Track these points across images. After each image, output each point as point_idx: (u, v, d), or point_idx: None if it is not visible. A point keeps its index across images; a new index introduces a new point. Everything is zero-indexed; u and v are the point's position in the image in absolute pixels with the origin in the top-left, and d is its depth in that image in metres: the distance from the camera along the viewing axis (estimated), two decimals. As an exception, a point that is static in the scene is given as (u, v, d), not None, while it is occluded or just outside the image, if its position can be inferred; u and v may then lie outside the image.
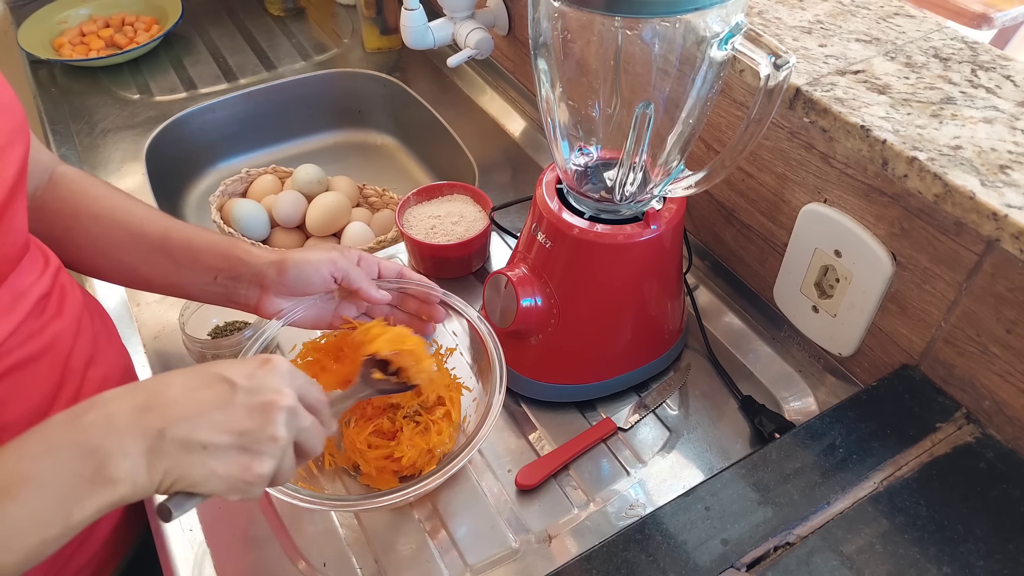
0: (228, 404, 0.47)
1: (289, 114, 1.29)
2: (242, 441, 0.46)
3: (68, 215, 0.67)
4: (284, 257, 0.66)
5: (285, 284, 0.66)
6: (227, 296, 0.68)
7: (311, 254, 0.66)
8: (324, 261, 0.66)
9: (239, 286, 0.67)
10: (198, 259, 0.66)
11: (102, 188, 0.69)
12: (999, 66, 0.65)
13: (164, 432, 0.44)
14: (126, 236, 0.67)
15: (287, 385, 0.49)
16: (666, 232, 0.68)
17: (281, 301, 0.67)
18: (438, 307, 0.72)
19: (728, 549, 0.53)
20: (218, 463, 0.45)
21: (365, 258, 0.70)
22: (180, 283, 0.68)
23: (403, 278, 0.71)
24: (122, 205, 0.68)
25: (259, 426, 0.47)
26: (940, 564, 0.51)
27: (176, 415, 0.45)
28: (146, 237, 0.67)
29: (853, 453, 0.58)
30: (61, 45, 1.30)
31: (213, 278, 0.67)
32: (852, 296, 0.69)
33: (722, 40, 0.55)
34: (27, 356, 0.58)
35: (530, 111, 1.15)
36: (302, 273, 0.65)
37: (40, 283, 0.60)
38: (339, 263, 0.66)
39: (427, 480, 0.59)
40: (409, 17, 1.06)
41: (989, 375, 0.61)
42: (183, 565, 0.63)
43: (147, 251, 0.67)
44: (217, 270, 0.66)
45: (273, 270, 0.66)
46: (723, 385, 0.77)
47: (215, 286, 0.67)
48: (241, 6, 1.46)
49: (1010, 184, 0.54)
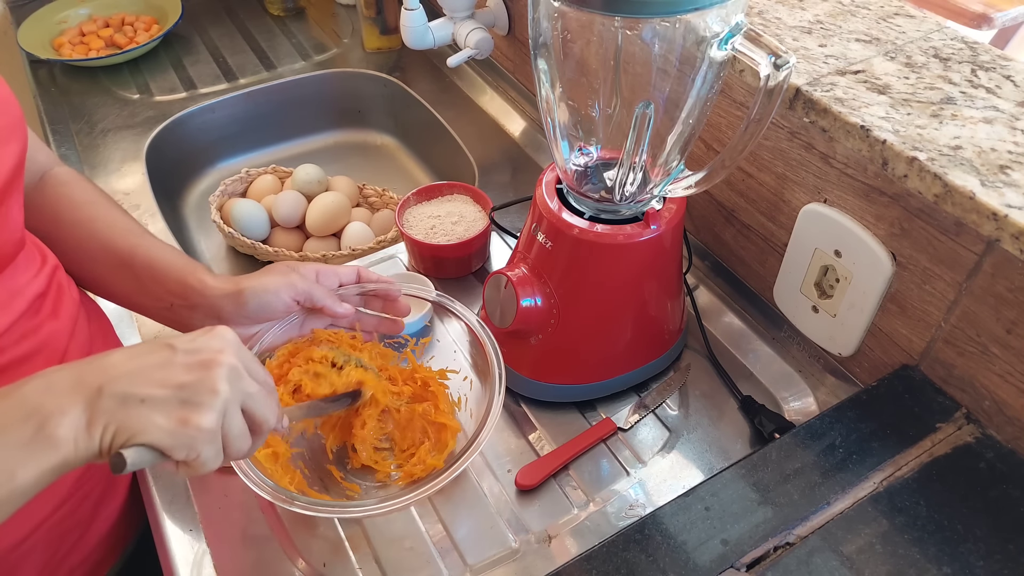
0: (168, 363, 0.47)
1: (289, 114, 1.29)
2: (181, 394, 0.45)
3: (50, 220, 0.66)
4: (241, 288, 0.63)
5: (245, 315, 0.63)
6: (184, 324, 0.65)
7: (269, 280, 0.64)
8: (283, 286, 0.63)
9: (194, 316, 0.64)
10: (157, 281, 0.64)
11: (88, 195, 0.68)
12: (999, 66, 0.65)
13: (102, 389, 0.44)
14: (97, 247, 0.65)
15: (229, 347, 0.49)
16: (666, 232, 0.68)
17: (242, 331, 0.64)
18: (400, 301, 0.70)
19: (728, 549, 0.53)
20: (157, 414, 0.45)
21: (323, 271, 0.67)
22: (141, 304, 0.66)
23: (361, 281, 0.69)
24: (101, 215, 0.67)
25: (198, 379, 0.46)
26: (940, 564, 0.51)
27: (115, 374, 0.45)
28: (115, 251, 0.65)
29: (853, 453, 0.58)
30: (61, 45, 1.30)
31: (168, 304, 0.64)
32: (852, 296, 0.69)
33: (722, 40, 0.55)
34: (22, 354, 0.58)
35: (530, 111, 1.15)
36: (262, 302, 0.63)
37: (36, 282, 0.60)
38: (299, 285, 0.64)
39: (429, 485, 0.59)
40: (409, 17, 1.06)
41: (989, 375, 0.61)
42: (183, 565, 0.63)
43: (114, 265, 0.65)
44: (173, 296, 0.64)
45: (230, 303, 0.63)
46: (723, 385, 0.77)
47: (171, 312, 0.65)
48: (241, 6, 1.46)
49: (1010, 184, 0.54)
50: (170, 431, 0.45)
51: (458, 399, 0.72)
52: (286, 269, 0.65)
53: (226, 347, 0.49)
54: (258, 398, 0.50)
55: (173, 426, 0.45)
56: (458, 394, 0.72)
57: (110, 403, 0.44)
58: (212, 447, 0.46)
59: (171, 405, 0.45)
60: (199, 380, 0.46)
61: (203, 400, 0.46)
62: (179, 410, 0.45)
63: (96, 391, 0.44)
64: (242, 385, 0.49)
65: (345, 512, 0.59)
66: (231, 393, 0.47)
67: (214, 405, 0.46)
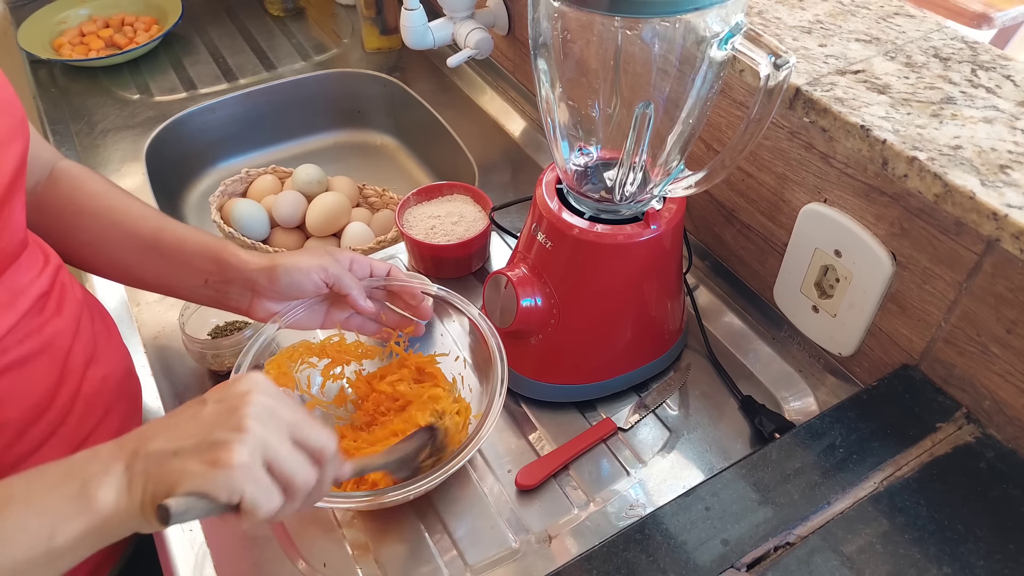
0: (197, 415, 0.47)
1: (289, 114, 1.29)
2: (210, 437, 0.46)
3: (69, 212, 0.67)
4: (275, 263, 0.65)
5: (276, 290, 0.65)
6: (218, 299, 0.67)
7: (302, 260, 0.66)
8: (315, 267, 0.65)
9: (230, 290, 0.67)
10: (188, 261, 0.66)
11: (101, 184, 0.69)
12: (999, 66, 0.65)
13: (138, 451, 0.46)
14: (120, 235, 0.67)
15: (256, 388, 0.49)
16: (666, 232, 0.68)
17: (273, 305, 0.67)
18: (425, 304, 0.72)
19: (728, 549, 0.53)
20: (189, 462, 0.45)
21: (357, 260, 0.70)
22: (171, 284, 0.68)
23: (391, 277, 0.71)
24: (119, 203, 0.68)
25: (224, 420, 0.47)
26: (940, 564, 0.51)
27: (149, 435, 0.47)
28: (139, 236, 0.67)
29: (853, 453, 0.58)
30: (61, 45, 1.30)
31: (203, 281, 0.66)
32: (852, 296, 0.69)
33: (722, 40, 0.55)
34: (25, 354, 0.58)
35: (530, 111, 1.15)
36: (293, 280, 0.65)
37: (39, 281, 0.60)
38: (330, 269, 0.66)
39: (428, 479, 0.59)
40: (409, 17, 1.06)
41: (989, 375, 0.61)
42: (183, 565, 0.63)
43: (140, 250, 0.67)
44: (207, 273, 0.66)
45: (264, 276, 0.65)
46: (723, 385, 0.77)
47: (206, 289, 0.67)
48: (241, 6, 1.46)
49: (1010, 184, 0.54)
50: (203, 474, 0.45)
51: (453, 379, 0.73)
52: (322, 252, 0.67)
53: (253, 388, 0.48)
54: (304, 426, 0.49)
55: (205, 469, 0.45)
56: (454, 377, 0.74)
57: (146, 462, 0.46)
58: (255, 485, 0.45)
59: (201, 450, 0.45)
60: (225, 422, 0.46)
61: (230, 438, 0.46)
62: (209, 453, 0.45)
63: (133, 454, 0.46)
64: (278, 418, 0.48)
65: (346, 503, 0.59)
66: (264, 429, 0.47)
67: (243, 440, 0.46)
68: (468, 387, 0.73)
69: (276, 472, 0.47)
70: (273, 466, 0.47)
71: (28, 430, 0.58)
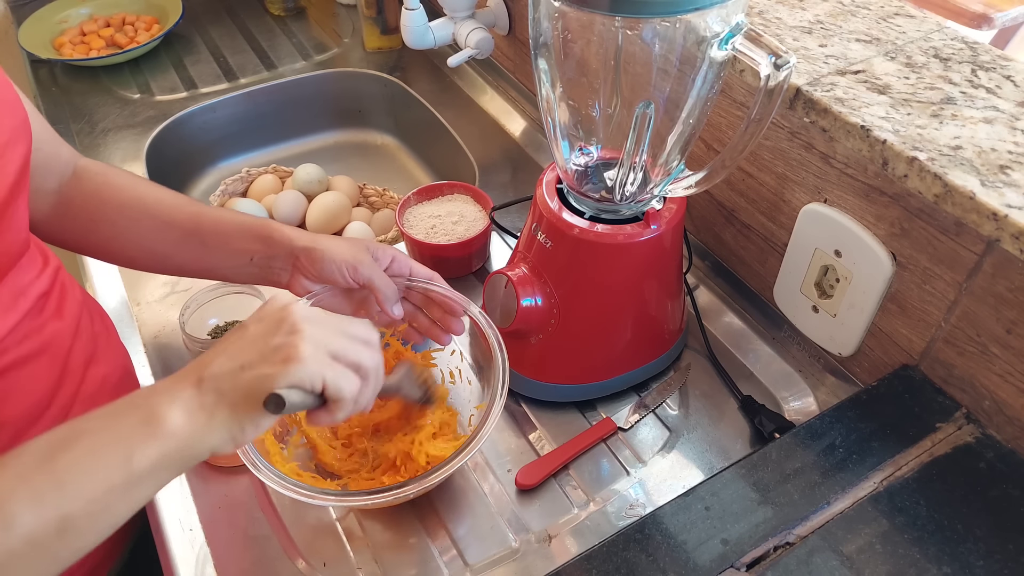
0: (245, 336, 0.50)
1: (289, 114, 1.29)
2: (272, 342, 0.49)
3: (95, 207, 0.67)
4: (316, 246, 0.66)
5: (313, 272, 0.67)
6: (261, 275, 0.69)
7: (340, 251, 0.66)
8: (348, 263, 0.66)
9: (274, 265, 0.68)
10: (230, 242, 0.67)
11: (126, 178, 0.70)
12: (999, 66, 0.65)
13: (202, 376, 0.48)
14: (156, 225, 0.68)
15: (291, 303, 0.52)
16: (666, 232, 0.68)
17: (310, 284, 0.68)
18: (458, 320, 0.71)
19: (728, 549, 0.53)
20: (261, 368, 0.47)
21: (399, 259, 0.69)
22: (214, 266, 0.69)
23: (435, 283, 0.70)
24: (150, 194, 0.69)
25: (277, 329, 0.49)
26: (940, 564, 0.51)
27: (207, 362, 0.49)
28: (177, 224, 0.68)
29: (853, 453, 0.58)
30: (62, 44, 1.30)
31: (249, 259, 0.67)
32: (852, 296, 0.69)
33: (722, 40, 0.55)
34: (26, 354, 0.58)
35: (530, 111, 1.15)
36: (327, 267, 0.66)
37: (39, 282, 0.61)
38: (362, 270, 0.66)
39: (428, 477, 0.59)
40: (409, 17, 1.06)
41: (989, 375, 0.61)
42: (183, 565, 0.63)
43: (179, 238, 0.68)
44: (252, 251, 0.67)
45: (305, 256, 0.66)
46: (723, 385, 0.77)
47: (251, 267, 0.68)
48: (241, 6, 1.46)
49: (1010, 184, 0.54)
50: (281, 373, 0.47)
51: (451, 372, 0.74)
52: (363, 248, 0.68)
53: (288, 303, 0.52)
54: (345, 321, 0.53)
55: (280, 368, 0.47)
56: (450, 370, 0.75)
57: (216, 382, 0.47)
58: (332, 370, 0.49)
59: (267, 356, 0.48)
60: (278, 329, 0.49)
61: (290, 340, 0.48)
62: (277, 355, 0.48)
63: (198, 380, 0.48)
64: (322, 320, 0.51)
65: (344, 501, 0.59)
66: (315, 328, 0.50)
67: (303, 338, 0.48)
68: (467, 380, 0.73)
69: (342, 359, 0.50)
70: (338, 354, 0.50)
71: (28, 430, 0.58)
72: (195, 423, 0.46)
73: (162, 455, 0.45)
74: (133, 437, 0.45)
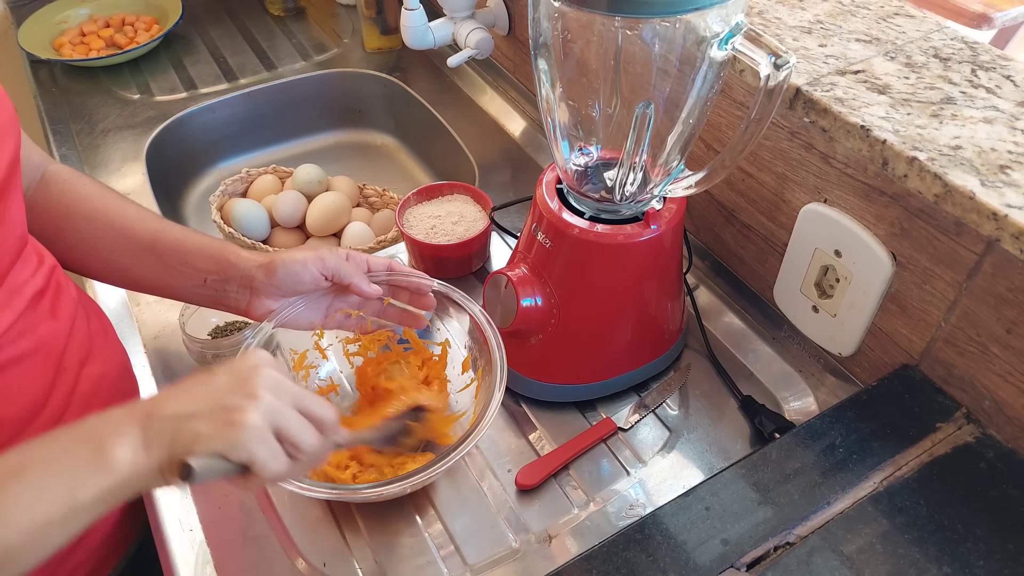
0: (209, 383, 0.50)
1: (289, 114, 1.29)
2: (224, 401, 0.49)
3: (60, 215, 0.67)
4: (272, 259, 0.66)
5: (275, 285, 0.66)
6: (216, 299, 0.68)
7: (298, 253, 0.66)
8: (312, 259, 0.66)
9: (228, 288, 0.67)
10: (187, 261, 0.66)
11: (94, 188, 0.69)
12: (999, 66, 0.65)
13: (152, 414, 0.48)
14: (117, 237, 0.67)
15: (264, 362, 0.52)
16: (666, 232, 0.68)
17: (271, 303, 0.67)
18: (429, 296, 0.72)
19: (728, 549, 0.53)
20: (204, 424, 0.48)
21: (352, 255, 0.69)
22: (169, 285, 0.68)
23: (392, 271, 0.71)
24: (114, 206, 0.68)
25: (237, 388, 0.50)
26: (940, 564, 0.51)
27: (163, 400, 0.50)
28: (136, 238, 0.67)
29: (853, 453, 0.58)
30: (61, 45, 1.30)
31: (203, 281, 0.67)
32: (852, 296, 0.69)
33: (722, 40, 0.55)
34: (20, 353, 0.58)
35: (530, 111, 1.15)
36: (290, 272, 0.65)
37: (34, 280, 0.60)
38: (328, 261, 0.66)
39: (425, 472, 0.59)
40: (409, 17, 1.06)
41: (989, 375, 0.61)
42: (183, 565, 0.63)
43: (137, 252, 0.67)
44: (206, 272, 0.66)
45: (261, 272, 0.65)
46: (723, 385, 0.77)
47: (205, 288, 0.67)
48: (241, 6, 1.46)
49: (1010, 184, 0.54)
50: (219, 435, 0.47)
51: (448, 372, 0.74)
52: (317, 245, 0.68)
53: (260, 362, 0.52)
54: (307, 397, 0.53)
55: (221, 430, 0.47)
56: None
57: (162, 424, 0.48)
58: (266, 447, 0.49)
59: (216, 413, 0.48)
60: (238, 389, 0.50)
61: (244, 403, 0.49)
62: (223, 415, 0.48)
63: (148, 416, 0.48)
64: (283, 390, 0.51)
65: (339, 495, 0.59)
66: (272, 397, 0.50)
67: (256, 406, 0.49)
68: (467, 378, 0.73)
69: (284, 437, 0.50)
70: (281, 431, 0.50)
71: (24, 429, 0.58)
72: (137, 464, 0.46)
73: (104, 490, 0.46)
74: (79, 471, 0.45)
